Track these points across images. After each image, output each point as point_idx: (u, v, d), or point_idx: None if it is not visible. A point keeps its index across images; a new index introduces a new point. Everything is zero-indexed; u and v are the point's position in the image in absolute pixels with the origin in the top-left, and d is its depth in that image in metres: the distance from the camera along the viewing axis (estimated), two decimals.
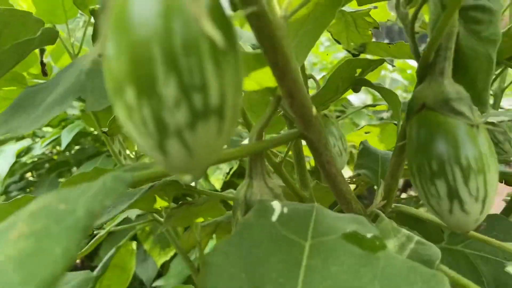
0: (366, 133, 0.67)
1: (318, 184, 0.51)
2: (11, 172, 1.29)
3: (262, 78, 0.22)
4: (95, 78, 0.24)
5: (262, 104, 0.33)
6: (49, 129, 1.30)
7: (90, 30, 0.77)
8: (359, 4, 0.40)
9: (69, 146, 1.30)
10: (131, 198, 0.35)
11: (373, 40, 0.55)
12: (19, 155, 1.28)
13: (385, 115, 1.02)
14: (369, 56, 0.64)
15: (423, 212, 0.30)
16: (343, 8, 0.47)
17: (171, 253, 1.12)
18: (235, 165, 1.22)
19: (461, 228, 0.23)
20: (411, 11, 0.26)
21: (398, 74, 1.88)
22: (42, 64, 0.63)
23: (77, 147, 1.36)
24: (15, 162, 1.24)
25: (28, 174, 1.61)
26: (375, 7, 0.50)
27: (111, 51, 0.12)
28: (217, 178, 1.15)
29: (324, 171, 0.26)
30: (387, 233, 0.26)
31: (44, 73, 0.64)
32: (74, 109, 1.09)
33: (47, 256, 0.12)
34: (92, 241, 0.50)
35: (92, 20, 0.67)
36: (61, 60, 0.71)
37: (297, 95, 0.21)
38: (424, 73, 0.24)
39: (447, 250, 0.36)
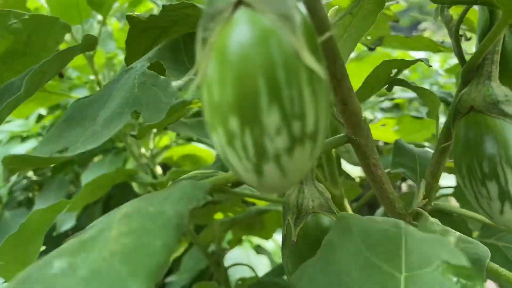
0: (382, 125, 0.68)
1: (345, 181, 0.52)
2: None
3: None
4: (148, 91, 0.24)
5: None
6: None
7: (103, 30, 0.77)
8: None
9: None
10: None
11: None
12: None
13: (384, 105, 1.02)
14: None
15: (459, 208, 0.31)
16: None
17: (182, 249, 1.13)
18: None
19: (509, 226, 0.23)
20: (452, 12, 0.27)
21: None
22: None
23: None
24: None
25: (30, 173, 1.62)
26: (397, 2, 0.50)
27: (215, 82, 0.12)
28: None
29: (370, 174, 0.27)
30: (433, 233, 0.26)
31: (60, 74, 0.64)
32: None
33: (148, 249, 0.13)
34: None
35: (107, 21, 0.67)
36: (74, 60, 0.71)
37: (350, 103, 0.22)
38: (470, 76, 0.24)
39: (482, 244, 0.37)
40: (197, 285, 0.62)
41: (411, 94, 0.72)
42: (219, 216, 0.64)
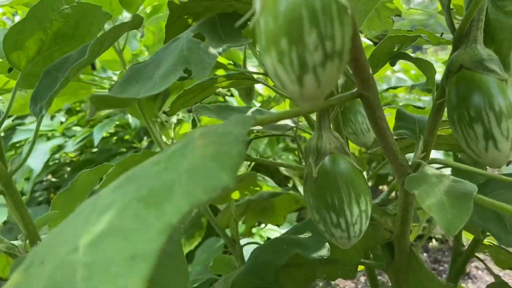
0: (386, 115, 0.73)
1: (354, 156, 0.57)
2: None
3: None
4: (194, 54, 0.29)
5: None
6: (78, 128, 1.37)
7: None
8: None
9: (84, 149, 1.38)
10: None
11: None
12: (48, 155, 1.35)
13: None
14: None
15: (455, 162, 0.35)
16: None
17: (196, 243, 1.18)
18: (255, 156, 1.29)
19: (495, 164, 0.28)
20: None
21: (403, 74, 1.94)
22: None
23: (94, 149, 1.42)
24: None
25: (49, 176, 1.68)
26: None
27: (270, 17, 0.17)
28: (239, 171, 1.20)
29: (376, 126, 0.32)
30: (429, 175, 0.31)
31: (93, 67, 0.70)
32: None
33: (228, 154, 0.18)
34: None
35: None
36: (103, 54, 0.77)
37: (361, 59, 0.27)
38: (459, 42, 0.29)
39: (474, 202, 0.42)
40: (215, 258, 0.66)
41: None
42: (235, 195, 0.69)
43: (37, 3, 0.41)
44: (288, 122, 0.59)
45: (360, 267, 0.50)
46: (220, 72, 0.61)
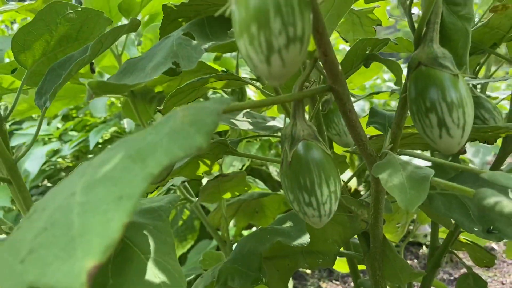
0: None
1: (335, 153, 0.60)
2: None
3: None
4: (183, 49, 0.33)
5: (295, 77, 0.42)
6: (74, 133, 1.41)
7: (128, 37, 0.87)
8: (366, 2, 0.50)
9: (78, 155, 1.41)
10: (185, 159, 0.44)
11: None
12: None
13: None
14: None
15: (421, 153, 0.39)
16: (352, 7, 0.57)
17: (188, 246, 1.20)
18: (247, 162, 1.32)
19: (449, 150, 0.32)
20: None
21: (393, 83, 1.99)
22: (91, 63, 0.73)
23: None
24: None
25: (45, 182, 1.70)
26: (378, 6, 0.60)
27: (242, 6, 0.21)
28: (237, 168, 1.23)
29: (347, 118, 0.35)
30: (394, 162, 0.35)
31: (93, 70, 0.73)
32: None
33: (204, 121, 0.21)
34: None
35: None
36: (103, 60, 0.81)
37: (330, 54, 0.31)
38: (419, 42, 0.33)
39: (442, 194, 0.45)
40: (205, 253, 0.69)
41: None
42: (226, 195, 0.71)
43: (45, 7, 0.44)
44: (275, 123, 0.62)
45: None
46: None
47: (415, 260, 1.76)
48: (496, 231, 0.40)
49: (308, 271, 1.77)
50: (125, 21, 0.79)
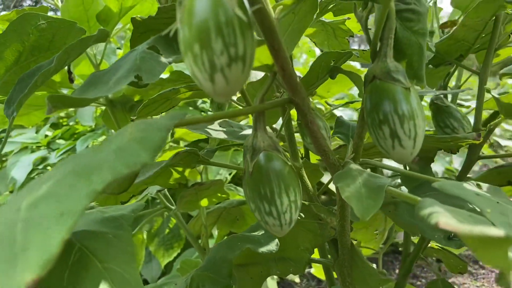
0: None
1: (307, 162, 0.61)
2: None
3: (262, 57, 0.33)
4: (146, 62, 0.34)
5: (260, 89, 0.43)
6: (62, 141, 1.40)
7: (108, 46, 0.88)
8: (335, 15, 0.51)
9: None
10: (158, 166, 0.45)
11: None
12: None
13: None
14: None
15: (381, 162, 0.40)
16: (324, 19, 0.58)
17: (175, 254, 1.21)
18: (233, 171, 1.32)
19: (402, 160, 0.33)
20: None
21: None
22: (69, 73, 0.74)
23: None
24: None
25: None
26: (349, 18, 0.61)
27: (186, 27, 0.22)
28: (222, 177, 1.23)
29: (308, 129, 0.37)
30: (353, 172, 0.36)
31: (71, 80, 0.74)
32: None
33: (152, 138, 0.22)
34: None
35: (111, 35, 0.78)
36: (78, 68, 0.81)
37: (287, 68, 0.32)
38: (374, 57, 0.35)
39: (407, 202, 0.46)
40: (182, 261, 0.69)
41: None
42: (204, 203, 0.72)
43: (17, 18, 0.45)
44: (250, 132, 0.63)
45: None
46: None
47: (397, 271, 1.77)
48: (456, 238, 0.41)
49: (297, 279, 1.78)
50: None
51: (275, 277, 1.34)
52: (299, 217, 0.52)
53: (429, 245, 0.64)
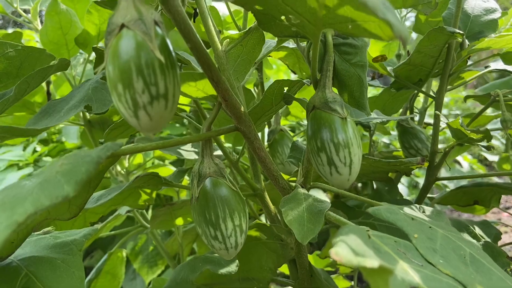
0: None
1: (271, 183, 0.62)
2: None
3: (206, 88, 0.35)
4: (98, 92, 0.36)
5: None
6: (49, 158, 1.42)
7: (88, 66, 0.90)
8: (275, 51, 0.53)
9: None
10: (120, 188, 0.46)
11: None
12: None
13: None
14: None
15: (329, 186, 0.41)
16: (289, 45, 0.60)
17: (159, 271, 1.21)
18: None
19: (340, 185, 0.35)
20: None
21: None
22: (48, 94, 0.76)
23: None
24: None
25: None
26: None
27: (111, 67, 0.24)
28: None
29: (257, 155, 0.38)
30: (299, 196, 0.37)
31: (49, 97, 0.76)
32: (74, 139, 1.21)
33: (77, 171, 0.24)
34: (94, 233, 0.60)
35: (91, 58, 0.80)
36: (61, 89, 0.83)
37: (230, 99, 0.34)
38: (315, 87, 0.36)
39: (362, 223, 0.47)
40: (154, 280, 0.70)
41: None
42: (180, 222, 0.73)
43: None
44: (221, 153, 0.65)
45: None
46: None
47: None
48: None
49: None
50: (82, 54, 0.82)
51: None
52: (262, 238, 0.53)
53: None
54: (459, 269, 0.29)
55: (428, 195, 0.63)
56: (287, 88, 0.44)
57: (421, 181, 1.73)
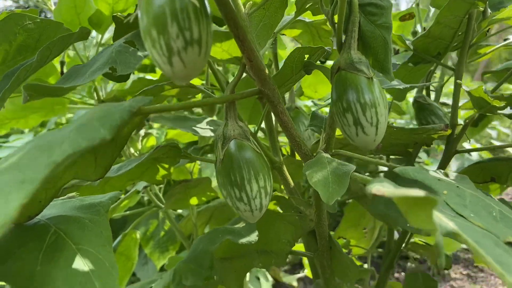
0: None
1: (289, 158, 0.63)
2: None
3: (231, 49, 0.35)
4: (122, 55, 0.36)
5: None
6: None
7: (100, 48, 0.90)
8: (313, 14, 0.53)
9: None
10: (140, 159, 0.46)
11: None
12: None
13: None
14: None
15: (354, 154, 0.41)
16: (305, 19, 0.60)
17: (169, 256, 1.21)
18: None
19: (366, 147, 0.34)
20: None
21: None
22: (62, 74, 0.76)
23: None
24: None
25: None
26: None
27: (144, 14, 0.24)
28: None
29: (280, 120, 0.38)
30: (323, 160, 0.37)
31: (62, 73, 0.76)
32: None
33: (111, 118, 0.24)
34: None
35: (103, 41, 0.80)
36: None
37: (254, 60, 0.33)
38: (340, 49, 0.36)
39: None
40: (170, 257, 0.71)
41: None
42: (194, 201, 0.73)
43: (3, 19, 0.47)
44: None
45: None
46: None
47: (403, 273, 1.77)
48: None
49: (295, 283, 1.78)
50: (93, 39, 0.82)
51: (270, 279, 1.34)
52: (280, 211, 0.53)
53: (414, 240, 0.65)
54: (490, 223, 0.29)
55: None
56: (307, 56, 0.44)
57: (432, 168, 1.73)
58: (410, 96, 1.34)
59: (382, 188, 0.20)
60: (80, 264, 0.30)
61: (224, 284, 0.55)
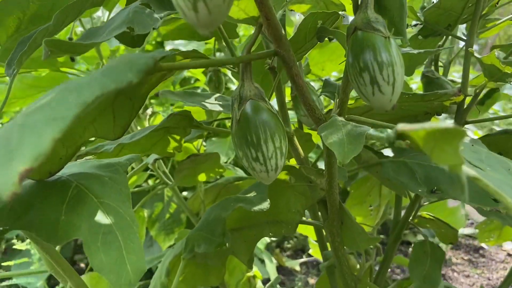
0: None
1: (299, 131, 0.63)
2: None
3: (248, 8, 0.35)
4: (138, 16, 0.36)
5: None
6: None
7: None
8: None
9: None
10: (152, 127, 0.46)
11: None
12: None
13: None
14: None
15: (369, 119, 0.42)
16: None
17: (175, 238, 1.23)
18: (232, 155, 1.34)
19: (382, 107, 0.35)
20: None
21: None
22: None
23: None
24: None
25: None
26: None
27: None
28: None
29: (294, 83, 0.38)
30: (337, 122, 0.37)
31: (72, 59, 0.76)
32: None
33: (137, 63, 0.24)
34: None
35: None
36: None
37: (272, 18, 0.34)
38: (356, 10, 0.36)
39: (393, 162, 0.48)
40: (180, 231, 0.71)
41: None
42: (202, 178, 0.74)
43: None
44: None
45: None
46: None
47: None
48: (439, 192, 0.43)
49: (297, 267, 1.80)
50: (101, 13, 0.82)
51: (274, 261, 1.35)
52: (290, 181, 0.54)
53: (421, 214, 0.66)
54: (507, 177, 0.29)
55: None
56: (321, 22, 0.44)
57: None
58: (417, 74, 1.34)
59: (407, 126, 0.20)
60: (102, 216, 0.30)
61: (234, 254, 0.56)
